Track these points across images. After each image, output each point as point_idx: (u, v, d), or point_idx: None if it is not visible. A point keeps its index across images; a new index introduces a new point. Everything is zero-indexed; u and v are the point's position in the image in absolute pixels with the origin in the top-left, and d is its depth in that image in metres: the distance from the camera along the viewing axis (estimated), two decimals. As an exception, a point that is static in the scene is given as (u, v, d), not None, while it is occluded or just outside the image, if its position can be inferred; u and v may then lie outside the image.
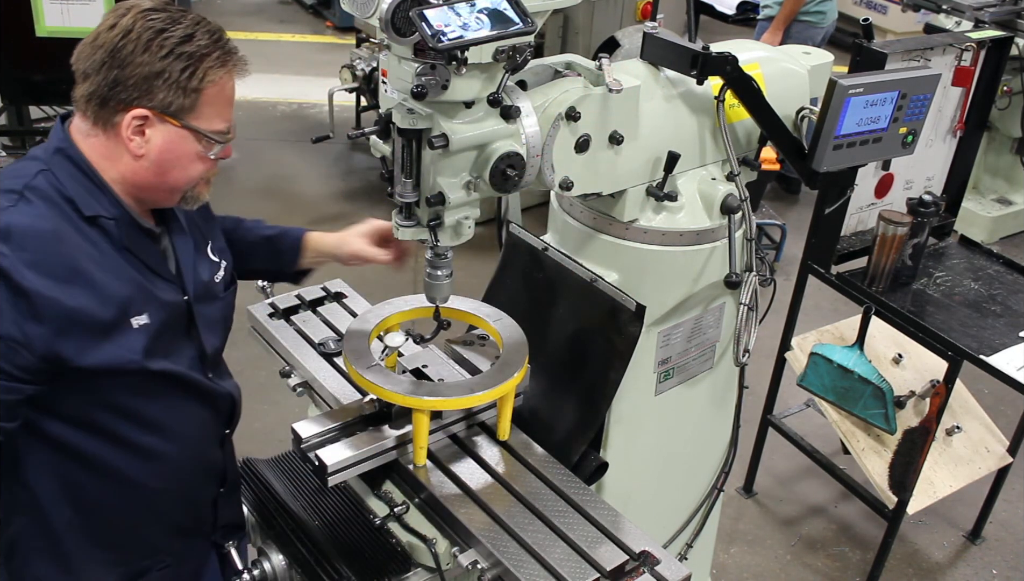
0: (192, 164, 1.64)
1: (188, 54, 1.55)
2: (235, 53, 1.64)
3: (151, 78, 1.53)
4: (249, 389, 4.11)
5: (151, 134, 1.57)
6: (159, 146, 1.59)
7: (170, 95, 1.55)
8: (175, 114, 1.57)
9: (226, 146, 1.68)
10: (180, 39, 1.55)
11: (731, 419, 2.49)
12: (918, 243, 3.17)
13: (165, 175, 1.62)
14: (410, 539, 1.91)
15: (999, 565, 3.60)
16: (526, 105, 1.83)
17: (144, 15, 1.55)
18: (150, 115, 1.56)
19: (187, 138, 1.60)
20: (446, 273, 1.95)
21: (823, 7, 5.69)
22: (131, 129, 1.56)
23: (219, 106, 1.62)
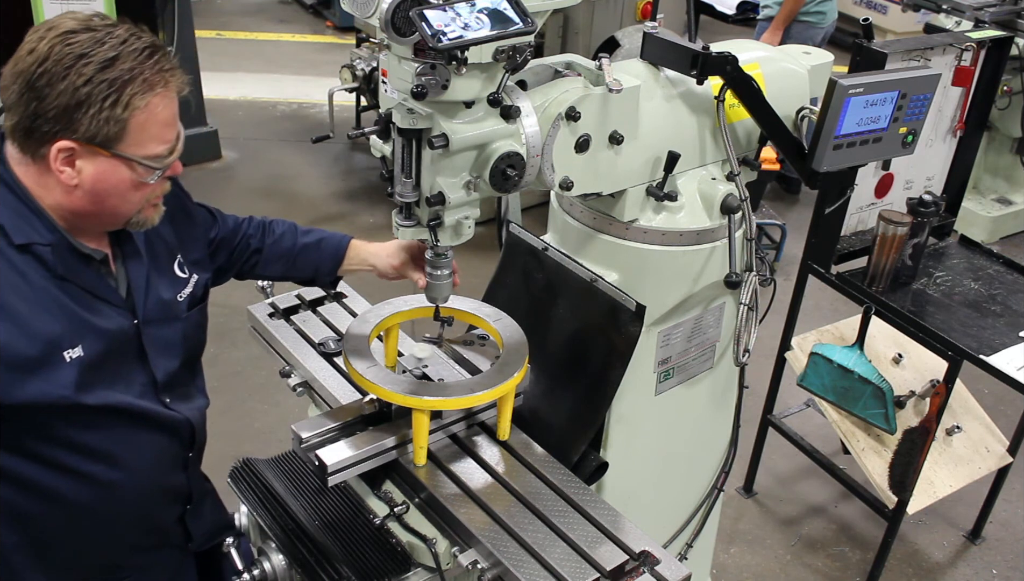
0: (129, 192, 1.55)
1: (110, 81, 1.44)
2: (167, 71, 1.52)
3: (71, 109, 1.44)
4: (249, 389, 4.15)
5: (81, 165, 1.49)
6: (91, 176, 1.50)
7: (94, 126, 1.45)
8: (102, 144, 1.48)
9: (171, 165, 1.59)
10: (101, 64, 1.44)
11: (731, 419, 2.49)
12: (918, 243, 3.17)
13: (102, 204, 1.55)
14: (410, 539, 1.91)
15: (999, 565, 3.60)
16: (526, 105, 1.83)
17: (63, 38, 1.45)
18: (76, 147, 1.47)
19: (119, 167, 1.51)
20: (446, 273, 1.94)
21: (823, 7, 5.69)
22: (59, 161, 1.48)
23: (152, 130, 1.51)
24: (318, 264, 2.10)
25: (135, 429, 1.71)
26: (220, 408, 4.02)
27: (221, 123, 6.32)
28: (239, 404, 4.05)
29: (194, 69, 5.89)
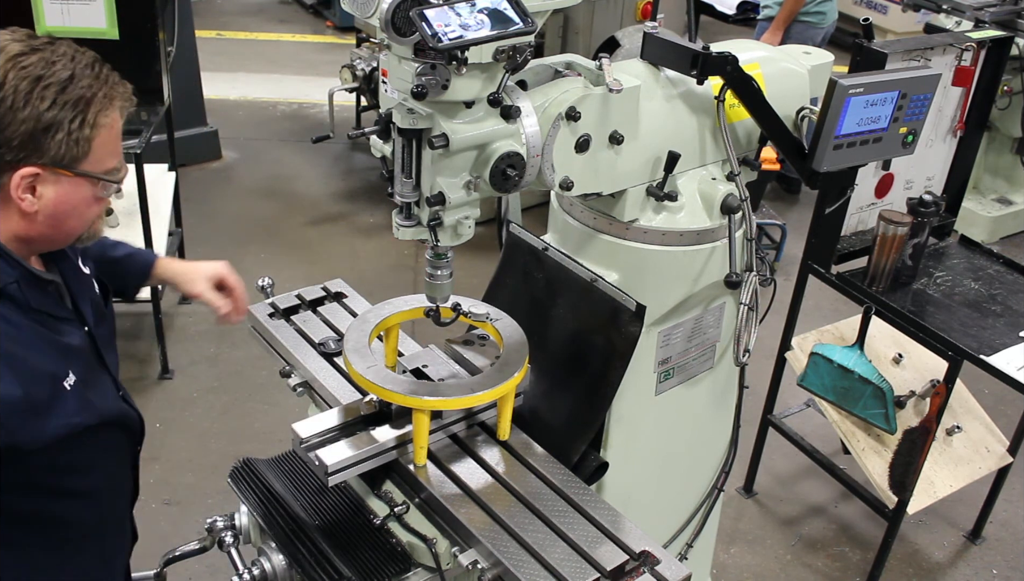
0: (88, 208, 1.55)
1: (74, 101, 1.43)
2: (116, 84, 1.52)
3: (38, 135, 1.41)
4: (249, 389, 4.16)
5: (43, 190, 1.47)
6: (53, 200, 1.48)
7: (62, 148, 1.44)
8: (68, 165, 1.46)
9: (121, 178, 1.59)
10: (61, 85, 1.42)
11: (731, 419, 2.49)
12: (918, 243, 3.17)
13: (61, 226, 1.53)
14: (410, 539, 1.91)
15: (999, 565, 3.60)
16: (526, 105, 1.83)
17: (15, 62, 1.41)
18: (41, 172, 1.44)
19: (81, 185, 1.50)
20: (446, 273, 1.94)
21: (823, 7, 5.69)
22: (21, 189, 1.44)
23: (111, 145, 1.52)
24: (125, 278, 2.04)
25: (108, 433, 1.72)
26: (220, 408, 4.05)
27: (221, 123, 6.32)
28: (239, 404, 4.05)
29: (194, 69, 5.90)
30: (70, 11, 3.78)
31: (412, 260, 5.20)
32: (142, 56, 3.88)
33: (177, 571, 2.61)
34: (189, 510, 3.37)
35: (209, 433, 3.86)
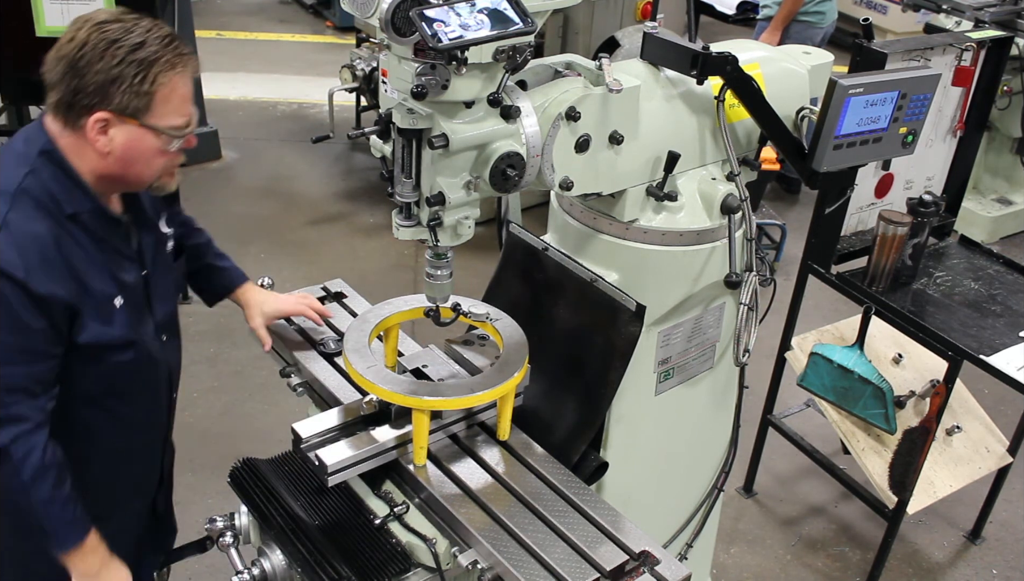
0: (154, 158, 1.79)
1: (139, 61, 1.68)
2: (185, 55, 1.76)
3: (107, 84, 1.68)
4: (249, 389, 4.15)
5: (113, 133, 1.73)
6: (122, 144, 1.74)
7: (125, 98, 1.69)
8: (133, 114, 1.72)
9: (187, 137, 1.82)
10: (131, 47, 1.68)
11: (731, 419, 2.49)
12: (918, 243, 3.17)
13: (129, 168, 1.79)
14: (410, 539, 1.91)
15: (999, 565, 3.60)
16: (526, 105, 1.83)
17: (99, 27, 1.69)
18: (110, 117, 1.71)
19: (146, 135, 1.75)
20: (446, 273, 1.94)
21: (822, 7, 5.69)
22: (95, 130, 1.72)
23: (173, 104, 1.75)
24: (212, 286, 2.30)
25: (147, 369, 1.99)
26: (220, 408, 4.05)
27: (221, 123, 6.32)
28: (239, 404, 4.05)
29: (194, 69, 5.89)
30: (70, 11, 3.77)
31: (412, 260, 5.20)
32: (142, 56, 3.87)
33: (177, 571, 2.61)
34: (189, 510, 3.36)
35: (209, 433, 3.86)
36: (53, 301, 1.72)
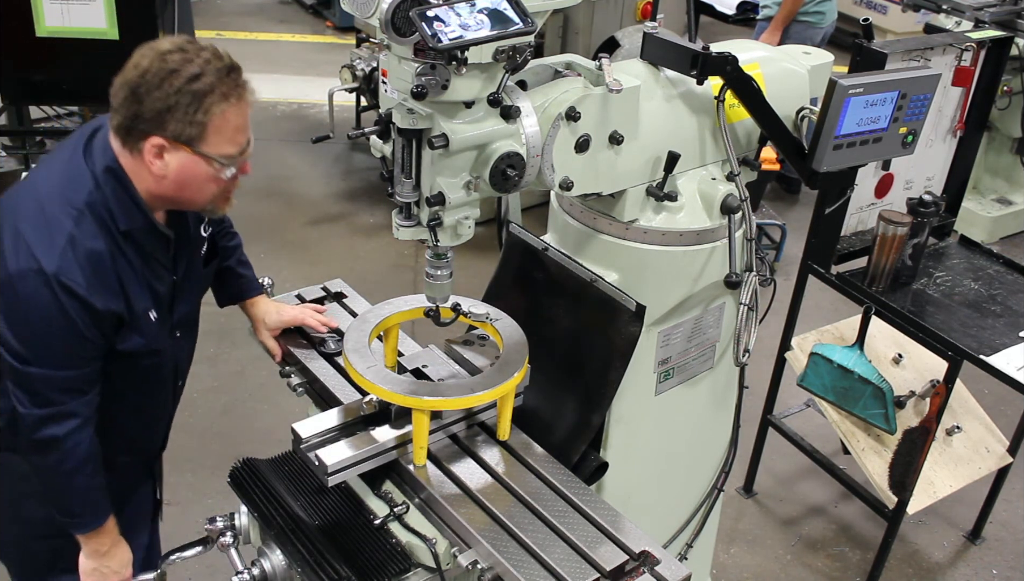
0: (206, 184, 1.86)
1: (194, 92, 1.75)
2: (240, 86, 1.82)
3: (163, 112, 1.75)
4: (249, 389, 4.15)
5: (168, 158, 1.81)
6: (176, 169, 1.82)
7: (180, 126, 1.77)
8: (187, 142, 1.79)
9: (242, 165, 1.89)
10: (188, 78, 1.75)
11: (731, 419, 2.49)
12: (918, 243, 3.17)
13: (183, 192, 1.87)
14: (410, 539, 1.91)
15: (999, 565, 3.60)
16: (526, 105, 1.83)
17: (161, 56, 1.76)
18: (166, 143, 1.78)
19: (199, 162, 1.82)
20: (446, 273, 1.94)
21: (822, 7, 5.69)
22: (151, 154, 1.80)
23: (226, 133, 1.81)
24: (231, 289, 2.36)
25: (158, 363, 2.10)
26: (220, 408, 4.05)
27: (221, 123, 6.31)
28: (239, 404, 4.05)
29: (194, 69, 5.88)
30: (70, 11, 3.78)
31: (412, 260, 5.20)
32: (142, 56, 3.87)
33: (177, 571, 2.61)
34: (189, 510, 3.37)
35: (209, 433, 3.86)
36: (107, 314, 1.85)
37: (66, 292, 1.78)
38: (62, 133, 5.48)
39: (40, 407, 1.86)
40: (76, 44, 3.81)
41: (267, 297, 2.40)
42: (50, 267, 1.77)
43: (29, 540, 2.16)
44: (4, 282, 1.79)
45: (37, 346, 1.82)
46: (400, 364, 2.22)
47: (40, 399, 1.86)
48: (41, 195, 1.83)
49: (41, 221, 1.80)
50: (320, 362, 2.29)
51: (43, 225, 1.80)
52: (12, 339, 1.82)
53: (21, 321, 1.81)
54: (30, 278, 1.77)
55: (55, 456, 1.91)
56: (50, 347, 1.83)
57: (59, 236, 1.79)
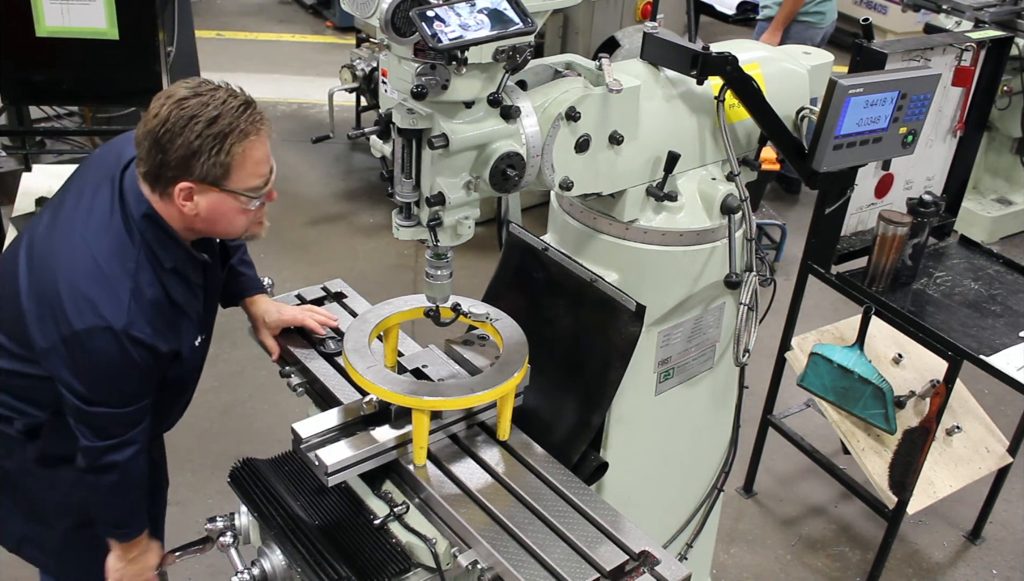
0: (236, 217, 1.94)
1: (214, 135, 1.81)
2: (258, 122, 1.88)
3: (188, 158, 1.82)
4: (249, 389, 4.15)
5: (198, 199, 1.88)
6: (206, 208, 1.89)
7: (205, 169, 1.83)
8: (213, 182, 1.86)
9: (268, 194, 1.96)
10: (207, 121, 1.81)
11: (731, 419, 2.49)
12: (918, 243, 3.17)
13: (215, 227, 1.96)
14: (410, 539, 1.91)
15: (999, 565, 3.60)
16: (526, 105, 1.83)
17: (178, 104, 1.82)
18: (193, 186, 1.85)
19: (227, 198, 1.89)
20: (446, 273, 1.94)
21: (822, 7, 5.69)
22: (181, 197, 1.87)
23: (249, 169, 1.88)
24: (233, 287, 2.38)
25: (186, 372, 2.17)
26: (220, 408, 4.05)
27: (221, 123, 6.31)
28: (239, 404, 4.05)
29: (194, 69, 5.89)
30: (70, 11, 3.77)
31: (412, 260, 5.20)
32: (142, 56, 3.87)
33: (177, 571, 2.61)
34: (189, 510, 3.36)
35: (209, 433, 3.86)
36: (169, 354, 1.97)
37: (134, 343, 1.87)
38: (62, 133, 5.49)
39: (103, 440, 1.97)
40: (76, 44, 3.81)
41: (268, 297, 2.40)
42: (118, 323, 1.85)
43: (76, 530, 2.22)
44: (68, 338, 1.86)
45: (103, 390, 1.92)
46: (400, 364, 2.22)
47: (104, 433, 1.96)
48: (96, 253, 1.88)
49: (102, 279, 1.86)
50: (320, 362, 2.29)
51: (105, 283, 1.86)
52: (77, 385, 1.90)
53: (88, 371, 1.89)
54: (97, 334, 1.85)
55: (113, 478, 2.01)
56: (115, 390, 1.93)
57: (123, 293, 1.87)
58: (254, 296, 2.38)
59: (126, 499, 2.07)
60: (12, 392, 2.07)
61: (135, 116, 3.75)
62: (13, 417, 2.09)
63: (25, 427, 2.09)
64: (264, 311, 2.37)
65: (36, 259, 1.95)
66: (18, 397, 2.07)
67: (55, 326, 1.86)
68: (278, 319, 2.36)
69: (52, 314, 1.87)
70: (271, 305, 2.39)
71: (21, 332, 1.96)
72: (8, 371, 2.05)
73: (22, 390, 2.06)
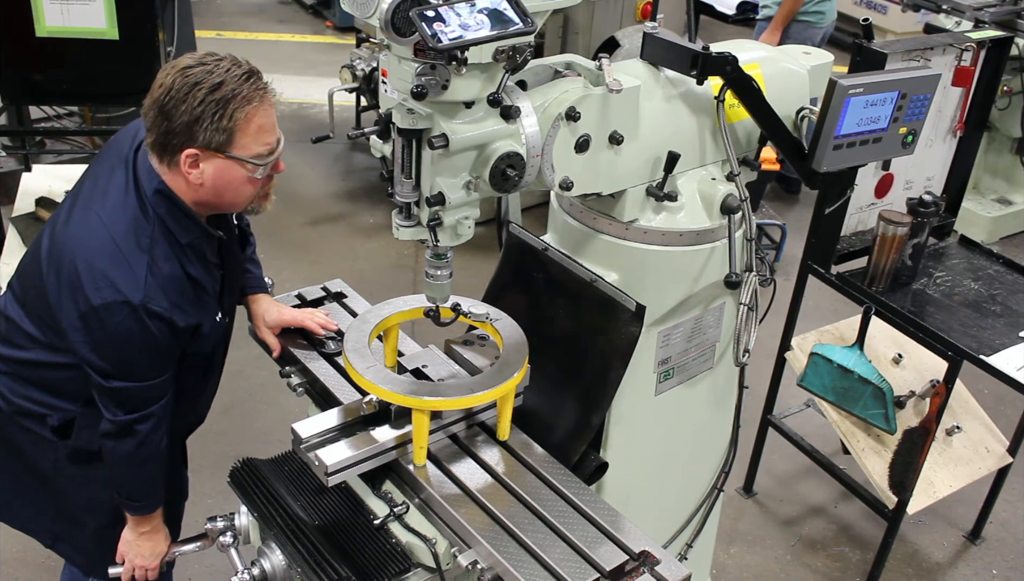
0: (243, 187, 1.95)
1: (217, 100, 1.83)
2: (262, 90, 1.91)
3: (192, 124, 1.84)
4: (249, 389, 4.15)
5: (204, 167, 1.89)
6: (212, 176, 1.91)
7: (209, 134, 1.85)
8: (218, 148, 1.87)
9: (275, 163, 1.97)
10: (210, 88, 1.83)
11: (731, 419, 2.49)
12: (918, 243, 3.17)
13: (222, 197, 1.96)
14: (410, 539, 1.91)
15: (999, 565, 3.60)
16: (526, 105, 1.83)
17: (182, 72, 1.85)
18: (199, 152, 1.87)
19: (233, 166, 1.90)
20: (446, 273, 1.94)
21: (822, 7, 5.69)
22: (187, 165, 1.89)
23: (253, 135, 1.89)
24: None
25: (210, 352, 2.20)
26: (220, 408, 4.00)
27: (221, 123, 6.30)
28: (239, 404, 4.05)
29: (194, 69, 5.88)
30: (70, 11, 3.77)
31: (412, 260, 5.20)
32: (142, 56, 3.87)
33: (177, 571, 2.61)
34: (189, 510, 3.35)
35: (209, 433, 3.85)
36: (188, 329, 1.99)
37: (152, 317, 1.89)
38: (62, 133, 5.49)
39: (128, 413, 2.00)
40: (76, 44, 3.81)
41: (269, 296, 2.41)
42: (136, 298, 1.87)
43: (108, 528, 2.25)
44: (87, 313, 1.88)
45: (122, 364, 1.95)
46: (400, 364, 2.22)
47: (127, 407, 2.00)
48: (112, 231, 1.91)
49: (119, 256, 1.89)
50: (320, 362, 2.29)
51: (121, 260, 1.89)
52: (98, 360, 1.93)
53: (107, 346, 1.92)
54: (115, 309, 1.87)
55: (130, 446, 2.03)
56: (134, 364, 1.96)
57: (139, 268, 1.89)
58: (256, 294, 2.39)
59: (141, 471, 2.09)
60: (44, 386, 2.11)
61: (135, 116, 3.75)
62: (46, 414, 2.12)
63: (59, 422, 2.12)
64: (264, 310, 2.38)
65: (56, 243, 1.97)
66: (50, 391, 2.11)
67: (74, 304, 1.89)
68: (278, 318, 2.37)
69: (72, 292, 1.89)
70: (272, 304, 2.39)
71: (50, 319, 1.99)
72: (40, 363, 2.08)
73: (55, 382, 2.09)
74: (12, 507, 2.31)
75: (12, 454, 2.22)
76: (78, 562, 2.39)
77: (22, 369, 2.12)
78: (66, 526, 2.28)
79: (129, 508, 2.15)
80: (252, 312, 2.40)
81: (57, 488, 2.22)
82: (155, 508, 2.18)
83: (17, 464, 2.22)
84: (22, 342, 2.09)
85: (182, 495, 2.47)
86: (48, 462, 2.18)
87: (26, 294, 2.08)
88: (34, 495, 2.26)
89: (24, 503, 2.28)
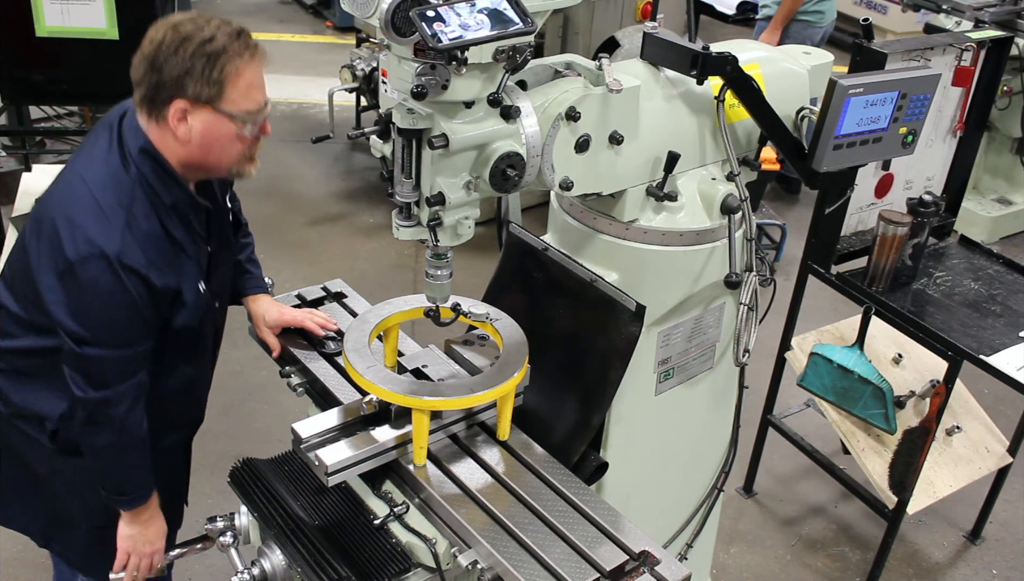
0: (231, 143, 1.93)
1: (208, 53, 1.84)
2: (252, 46, 1.91)
3: (182, 76, 1.85)
4: (249, 389, 4.15)
5: (192, 121, 1.88)
6: (200, 130, 1.90)
7: (198, 87, 1.85)
8: (207, 101, 1.87)
9: (262, 124, 1.96)
10: (201, 41, 1.84)
11: (731, 419, 2.49)
12: (918, 243, 3.17)
13: (209, 154, 1.94)
14: (410, 539, 1.91)
15: (999, 565, 3.60)
16: (526, 105, 1.83)
17: (174, 27, 1.87)
18: (188, 105, 1.87)
19: (222, 120, 1.90)
20: (446, 273, 1.94)
21: (821, 7, 5.69)
22: (175, 118, 1.88)
23: (242, 90, 1.89)
24: (238, 284, 2.40)
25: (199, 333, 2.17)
26: (220, 408, 4.04)
27: (221, 123, 6.30)
28: (239, 404, 4.05)
29: (194, 69, 5.88)
30: (70, 11, 3.77)
31: (412, 260, 5.20)
32: (142, 56, 3.87)
33: (177, 571, 2.61)
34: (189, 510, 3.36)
35: (209, 433, 3.85)
36: (165, 291, 1.95)
37: (128, 272, 1.87)
38: (62, 133, 5.49)
39: (97, 389, 1.94)
40: (76, 44, 3.81)
41: (269, 296, 2.41)
42: (111, 250, 1.84)
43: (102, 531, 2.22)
44: (64, 271, 1.86)
45: (97, 327, 1.90)
46: (400, 364, 2.22)
47: (96, 381, 1.94)
48: (92, 187, 1.89)
49: (97, 210, 1.87)
50: (320, 362, 2.29)
51: (99, 213, 1.86)
52: (72, 323, 1.90)
53: (82, 305, 1.88)
54: (91, 262, 1.84)
55: (110, 435, 2.00)
56: (109, 327, 1.91)
57: (116, 221, 1.87)
58: (256, 294, 2.39)
59: (124, 461, 2.05)
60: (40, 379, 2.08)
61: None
62: (44, 417, 2.10)
63: (55, 427, 2.10)
64: (264, 310, 2.38)
65: (39, 207, 1.97)
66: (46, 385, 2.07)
67: (52, 263, 1.88)
68: (278, 318, 2.37)
69: (51, 252, 1.88)
70: (272, 305, 2.39)
71: (33, 294, 1.97)
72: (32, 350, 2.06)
73: (48, 373, 2.05)
74: (6, 508, 2.29)
75: (8, 457, 2.21)
76: (72, 560, 2.38)
77: (17, 361, 2.10)
78: (61, 527, 2.27)
79: (120, 504, 2.12)
80: (252, 312, 2.40)
81: (52, 491, 2.21)
82: (147, 497, 2.13)
83: (12, 466, 2.22)
84: (14, 330, 2.08)
85: (182, 497, 2.45)
86: (44, 466, 2.17)
87: (14, 276, 2.07)
88: (29, 497, 2.25)
89: (18, 504, 2.27)
